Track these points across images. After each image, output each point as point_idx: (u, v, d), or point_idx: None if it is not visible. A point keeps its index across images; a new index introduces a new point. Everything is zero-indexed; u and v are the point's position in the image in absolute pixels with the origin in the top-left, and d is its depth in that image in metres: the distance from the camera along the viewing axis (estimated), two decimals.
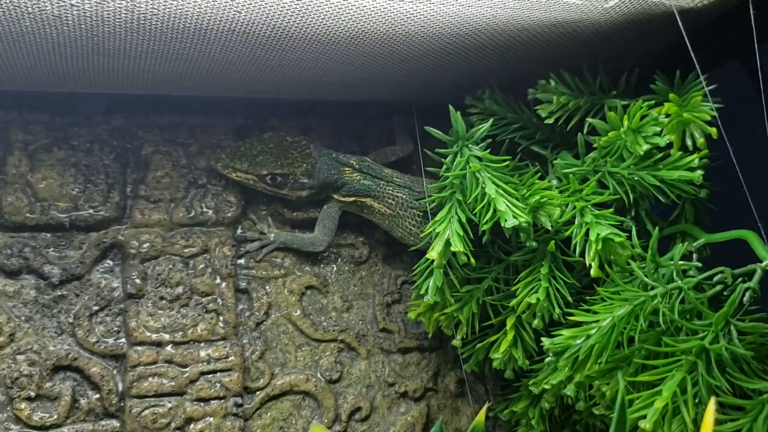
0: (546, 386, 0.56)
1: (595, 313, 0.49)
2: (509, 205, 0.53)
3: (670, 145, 0.53)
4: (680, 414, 0.43)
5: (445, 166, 0.58)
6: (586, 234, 0.52)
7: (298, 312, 0.66)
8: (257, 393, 0.63)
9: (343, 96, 0.69)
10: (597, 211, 0.53)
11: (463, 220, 0.56)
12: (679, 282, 0.48)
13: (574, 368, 0.48)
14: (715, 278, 0.50)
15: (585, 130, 0.59)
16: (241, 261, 0.65)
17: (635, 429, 0.44)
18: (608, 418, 0.54)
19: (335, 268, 0.69)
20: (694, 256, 0.54)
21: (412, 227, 0.66)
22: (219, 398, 0.61)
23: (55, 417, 0.58)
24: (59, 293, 0.60)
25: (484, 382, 0.71)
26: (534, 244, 0.56)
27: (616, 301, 0.48)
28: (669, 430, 0.42)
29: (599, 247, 0.51)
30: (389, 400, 0.67)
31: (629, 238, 0.52)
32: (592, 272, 0.51)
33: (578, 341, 0.47)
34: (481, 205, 0.55)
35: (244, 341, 0.64)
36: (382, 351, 0.68)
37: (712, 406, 0.32)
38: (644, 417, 0.43)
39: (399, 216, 0.66)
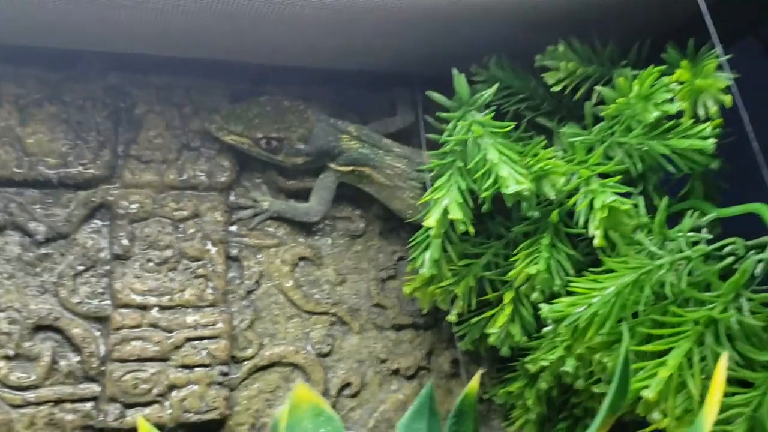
0: (543, 363, 0.53)
1: (598, 282, 0.47)
2: (512, 171, 0.51)
3: (680, 116, 0.51)
4: (686, 389, 0.41)
5: (446, 133, 0.56)
6: (591, 203, 0.50)
7: (290, 283, 0.64)
8: (244, 363, 0.61)
9: (344, 64, 0.67)
10: (603, 180, 0.51)
11: (463, 188, 0.54)
12: (688, 251, 0.46)
13: (574, 338, 0.45)
14: (726, 249, 0.47)
15: (593, 101, 0.57)
16: (233, 228, 0.63)
17: (638, 400, 0.41)
18: None
19: (330, 241, 0.67)
20: (704, 230, 0.51)
21: (410, 199, 0.64)
22: (204, 366, 0.58)
23: (34, 378, 0.56)
24: (44, 251, 0.58)
25: (479, 364, 0.68)
26: (536, 213, 0.53)
27: (621, 270, 0.46)
28: (674, 402, 0.40)
29: (604, 215, 0.48)
30: (381, 376, 0.65)
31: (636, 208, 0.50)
32: (596, 242, 0.49)
33: (579, 309, 0.45)
34: (482, 171, 0.53)
35: (233, 309, 0.61)
36: (375, 327, 0.66)
37: (724, 361, 0.30)
38: (647, 387, 0.40)
39: (397, 187, 0.64)
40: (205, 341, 0.59)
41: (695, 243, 0.49)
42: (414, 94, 0.65)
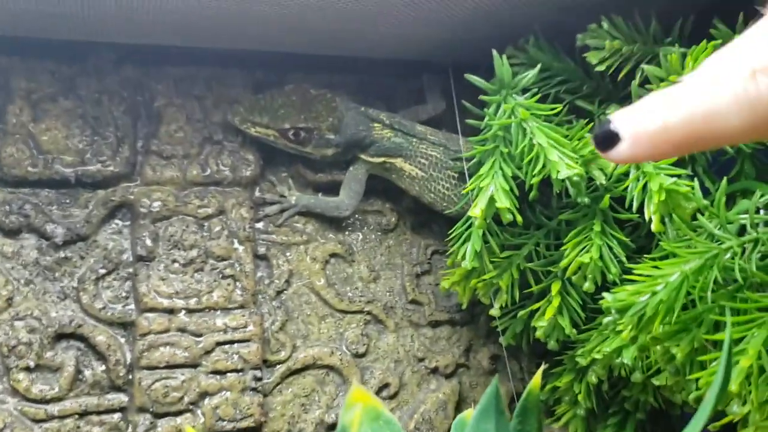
0: (597, 356, 0.51)
1: (659, 269, 0.44)
2: (561, 156, 0.49)
3: None
4: (765, 374, 0.39)
5: (487, 117, 0.54)
6: (644, 187, 0.48)
7: (322, 281, 0.61)
8: (277, 366, 0.58)
9: (371, 52, 0.65)
10: (655, 162, 0.49)
11: (509, 174, 0.52)
12: (756, 233, 0.43)
13: (639, 328, 0.43)
14: None
15: (637, 81, 0.54)
16: (260, 225, 0.60)
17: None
18: (668, 389, 0.49)
19: (361, 236, 0.64)
20: (761, 211, 0.49)
21: (445, 190, 0.61)
22: (236, 371, 0.56)
23: (57, 390, 0.52)
24: (63, 255, 0.55)
25: (518, 359, 0.66)
26: (586, 200, 0.51)
27: (684, 254, 0.44)
28: (756, 392, 0.38)
29: (662, 198, 0.46)
30: (419, 376, 0.62)
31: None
32: (653, 227, 0.46)
33: (643, 298, 0.42)
34: (530, 157, 0.50)
35: (264, 311, 0.58)
36: (411, 324, 0.63)
37: None
38: None
39: (432, 178, 0.61)
40: (236, 345, 0.56)
41: (756, 225, 0.46)
42: (446, 80, 0.62)
